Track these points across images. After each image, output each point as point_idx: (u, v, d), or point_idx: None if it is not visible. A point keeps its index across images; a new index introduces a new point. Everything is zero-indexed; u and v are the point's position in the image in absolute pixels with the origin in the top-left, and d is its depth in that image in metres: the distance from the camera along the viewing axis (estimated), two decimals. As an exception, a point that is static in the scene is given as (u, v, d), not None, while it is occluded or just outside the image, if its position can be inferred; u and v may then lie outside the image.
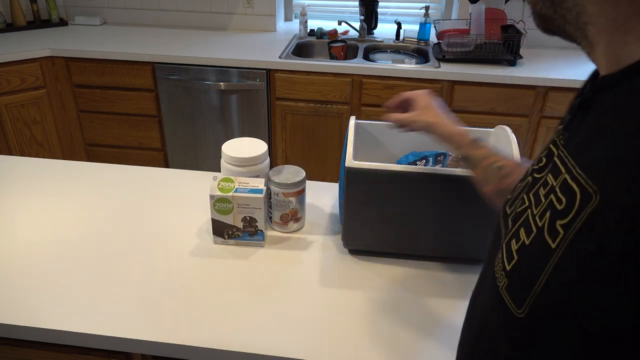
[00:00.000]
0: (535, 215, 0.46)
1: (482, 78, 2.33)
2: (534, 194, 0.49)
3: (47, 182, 1.35)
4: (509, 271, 0.48)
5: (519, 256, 0.47)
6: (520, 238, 0.48)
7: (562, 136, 0.50)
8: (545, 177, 0.48)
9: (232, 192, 1.07)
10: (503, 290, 0.48)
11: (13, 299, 0.96)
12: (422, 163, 1.11)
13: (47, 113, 2.63)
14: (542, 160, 0.52)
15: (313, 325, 0.93)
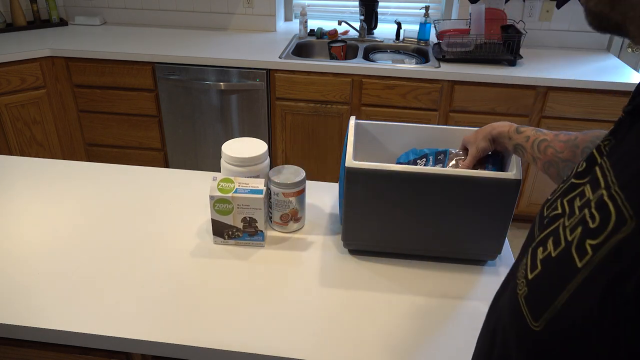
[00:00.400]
0: (566, 227, 0.44)
1: (482, 78, 2.33)
2: (569, 202, 0.47)
3: (47, 182, 1.35)
4: (530, 280, 0.46)
5: (543, 267, 0.45)
6: (547, 248, 0.46)
7: (607, 142, 0.48)
8: (583, 188, 0.46)
9: (232, 192, 1.07)
10: (522, 298, 0.46)
11: (13, 299, 0.96)
12: (422, 162, 1.11)
13: (47, 113, 2.63)
14: (583, 165, 0.49)
15: (313, 325, 0.93)
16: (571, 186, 0.49)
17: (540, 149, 0.91)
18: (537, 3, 2.68)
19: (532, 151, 0.93)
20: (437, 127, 1.22)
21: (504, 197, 1.00)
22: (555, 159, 0.87)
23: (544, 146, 0.90)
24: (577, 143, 0.85)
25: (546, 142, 0.90)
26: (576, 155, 0.83)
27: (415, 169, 1.00)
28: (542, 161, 0.90)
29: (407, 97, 2.42)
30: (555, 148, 0.88)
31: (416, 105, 2.43)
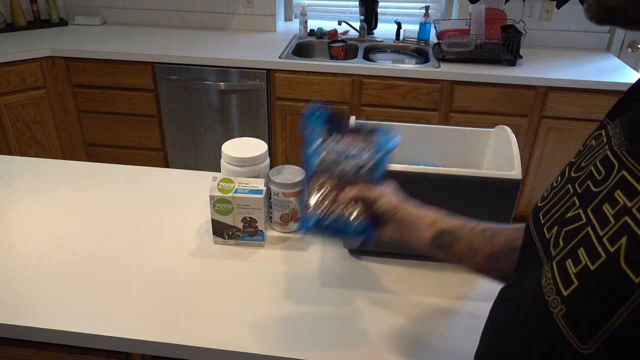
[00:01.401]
0: (602, 237, 0.41)
1: (482, 78, 2.33)
2: (594, 211, 0.44)
3: (47, 182, 1.35)
4: (567, 297, 0.42)
5: (581, 282, 0.42)
6: (580, 260, 0.43)
7: (624, 147, 0.46)
8: (611, 193, 0.43)
9: (232, 192, 1.07)
10: (559, 318, 0.43)
11: (13, 299, 0.96)
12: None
13: (47, 113, 2.63)
14: (601, 172, 0.47)
15: (313, 325, 0.93)
16: (589, 193, 0.47)
17: (486, 237, 0.73)
18: (537, 3, 2.69)
19: (469, 240, 0.73)
20: (437, 127, 1.22)
21: (504, 197, 1.00)
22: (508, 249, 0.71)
23: (490, 234, 0.73)
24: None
25: (492, 230, 0.73)
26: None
27: (415, 169, 0.99)
28: (487, 252, 0.72)
29: (407, 97, 2.42)
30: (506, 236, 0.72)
31: (416, 105, 2.43)
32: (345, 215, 0.78)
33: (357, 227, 0.78)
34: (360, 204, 0.79)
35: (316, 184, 0.81)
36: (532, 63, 2.48)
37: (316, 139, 0.84)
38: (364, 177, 0.82)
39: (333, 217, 0.78)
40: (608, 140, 0.51)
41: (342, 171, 0.82)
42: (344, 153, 0.84)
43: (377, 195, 0.79)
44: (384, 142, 0.86)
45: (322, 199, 0.80)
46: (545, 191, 0.58)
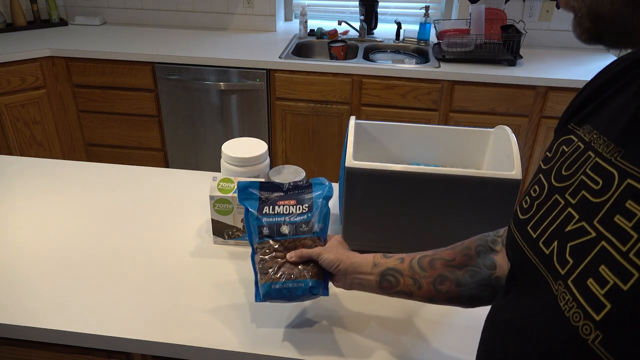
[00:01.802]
0: (627, 253, 0.39)
1: (482, 78, 2.33)
2: (604, 223, 0.42)
3: (47, 182, 1.35)
4: (600, 322, 0.39)
5: (615, 304, 0.39)
6: (605, 279, 0.40)
7: (617, 154, 0.44)
8: (620, 204, 0.42)
9: (232, 192, 1.07)
10: (596, 345, 0.39)
11: (13, 299, 0.96)
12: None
13: (47, 113, 2.63)
14: (598, 182, 0.45)
15: (312, 325, 0.93)
16: (593, 206, 0.44)
17: (424, 266, 0.75)
18: (537, 3, 2.69)
19: (411, 272, 0.75)
20: (437, 127, 1.22)
21: (504, 197, 1.00)
22: (448, 269, 0.73)
23: (427, 261, 0.75)
24: (467, 246, 0.75)
25: (429, 257, 0.76)
26: (472, 258, 0.72)
27: (415, 169, 1.00)
28: (430, 278, 0.74)
29: (407, 97, 2.42)
30: (443, 258, 0.75)
31: (416, 105, 2.43)
32: (292, 278, 0.82)
33: (305, 286, 0.81)
34: (305, 265, 0.82)
35: (260, 254, 0.85)
36: (532, 63, 2.48)
37: (254, 210, 0.89)
38: (305, 237, 0.86)
39: (281, 282, 0.81)
40: (589, 147, 0.49)
41: (283, 236, 0.86)
42: (282, 218, 0.87)
43: (318, 252, 0.81)
44: (319, 194, 0.91)
45: (269, 267, 0.83)
46: (523, 202, 0.56)
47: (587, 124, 0.53)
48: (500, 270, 0.70)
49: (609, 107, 0.51)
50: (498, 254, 0.72)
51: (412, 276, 0.75)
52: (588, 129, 0.51)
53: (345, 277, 0.80)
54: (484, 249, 0.73)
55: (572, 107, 0.59)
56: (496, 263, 0.71)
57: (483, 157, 1.23)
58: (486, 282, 0.71)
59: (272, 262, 0.84)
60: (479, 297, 0.72)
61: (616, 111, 0.49)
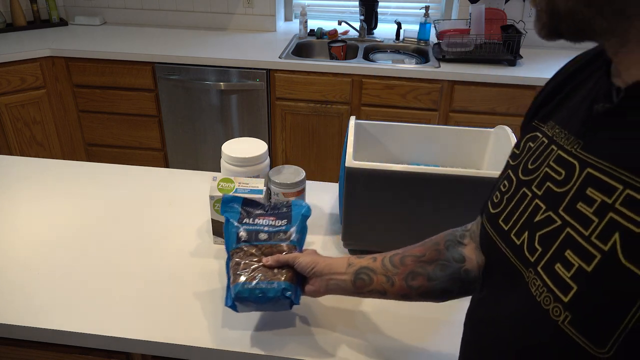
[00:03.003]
0: (589, 237, 0.41)
1: (482, 78, 2.33)
2: (568, 211, 0.45)
3: (47, 182, 1.35)
4: (568, 303, 0.41)
5: (581, 285, 0.41)
6: (571, 263, 0.42)
7: (577, 145, 0.47)
8: (581, 192, 0.44)
9: (232, 192, 1.07)
10: (566, 325, 0.41)
11: (13, 299, 0.96)
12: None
13: (47, 113, 2.63)
14: (561, 173, 0.47)
15: (313, 325, 0.93)
16: (557, 195, 0.47)
17: (395, 263, 0.76)
18: (537, 3, 2.68)
19: (384, 270, 0.77)
20: (437, 127, 1.22)
21: (504, 197, 1.00)
22: (418, 265, 0.75)
23: (398, 259, 0.77)
24: (436, 241, 0.77)
25: (399, 255, 0.77)
26: (441, 252, 0.74)
27: (415, 169, 1.00)
28: (402, 275, 0.75)
29: (407, 97, 2.42)
30: (413, 255, 0.76)
31: (416, 105, 2.43)
32: (264, 282, 0.82)
33: (278, 287, 0.81)
34: (280, 269, 0.83)
35: (235, 258, 0.86)
36: (532, 63, 2.48)
37: (234, 220, 0.91)
38: (282, 243, 0.88)
39: (255, 283, 0.82)
40: (551, 141, 0.51)
41: (260, 241, 0.88)
42: (261, 227, 0.90)
43: (294, 256, 0.83)
44: (298, 212, 0.92)
45: (243, 269, 0.84)
46: (494, 197, 0.59)
47: (550, 121, 0.55)
48: (469, 263, 0.73)
49: (569, 103, 0.54)
50: (466, 247, 0.74)
51: (384, 274, 0.77)
52: (551, 125, 0.54)
53: (321, 279, 0.81)
54: (452, 243, 0.75)
55: (535, 105, 0.61)
56: (465, 256, 0.73)
57: (483, 157, 1.23)
58: (456, 275, 0.73)
59: (246, 265, 0.84)
60: (450, 290, 0.74)
61: (575, 106, 0.52)
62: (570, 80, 0.57)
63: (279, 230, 0.90)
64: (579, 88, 0.54)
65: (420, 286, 0.74)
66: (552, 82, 0.60)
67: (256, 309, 0.85)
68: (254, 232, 0.89)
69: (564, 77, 0.58)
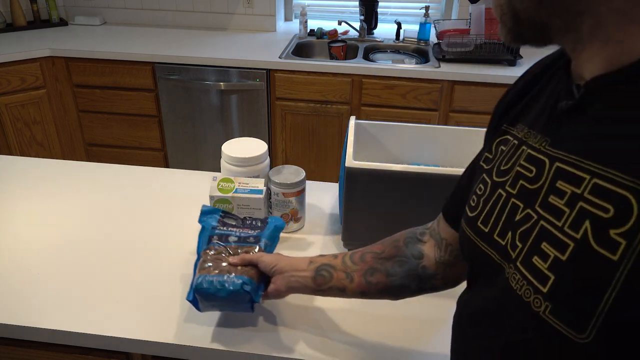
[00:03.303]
0: (562, 228, 0.43)
1: (482, 78, 2.33)
2: (542, 206, 0.46)
3: (47, 182, 1.35)
4: (547, 293, 0.43)
5: (558, 274, 0.42)
6: (547, 254, 0.44)
7: (545, 143, 0.49)
8: (552, 186, 0.46)
9: (232, 192, 1.07)
10: (547, 315, 0.42)
11: (13, 299, 0.96)
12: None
13: (47, 113, 2.63)
14: (532, 170, 0.49)
15: (312, 325, 0.93)
16: (531, 192, 0.48)
17: (355, 260, 0.79)
18: (537, 3, 2.68)
19: (344, 267, 0.79)
20: (437, 127, 1.22)
21: (504, 197, 1.00)
22: (378, 261, 0.77)
23: (358, 256, 0.79)
24: (396, 238, 0.79)
25: (359, 252, 0.80)
26: (400, 249, 0.77)
27: (415, 169, 1.00)
28: (361, 271, 0.77)
29: (407, 97, 2.42)
30: (373, 252, 0.79)
31: (416, 105, 2.43)
32: (224, 275, 0.85)
33: (238, 281, 0.83)
34: (244, 267, 0.86)
35: (203, 257, 0.90)
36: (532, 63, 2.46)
37: (208, 227, 0.96)
38: (250, 246, 0.92)
39: (216, 276, 0.85)
40: (522, 142, 0.53)
41: (227, 244, 0.92)
42: (231, 233, 0.95)
43: (258, 255, 0.87)
44: (272, 223, 0.97)
45: (208, 263, 0.88)
46: (471, 201, 0.60)
47: (519, 123, 0.57)
48: (427, 260, 0.75)
49: (536, 105, 0.56)
50: (425, 244, 0.76)
51: (344, 270, 0.79)
52: (521, 127, 0.56)
53: (283, 276, 0.83)
54: (412, 240, 0.77)
55: (500, 109, 0.63)
56: (423, 253, 0.75)
57: (483, 157, 1.22)
58: (414, 271, 0.75)
59: (212, 263, 0.88)
60: (408, 286, 0.76)
61: (542, 107, 0.54)
62: (535, 83, 0.59)
63: (249, 236, 0.94)
64: (543, 90, 0.56)
65: (379, 282, 0.76)
66: (515, 86, 0.62)
67: (218, 307, 0.86)
68: (224, 235, 0.94)
69: (528, 81, 0.60)
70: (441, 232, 0.75)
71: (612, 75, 0.42)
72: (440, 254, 0.74)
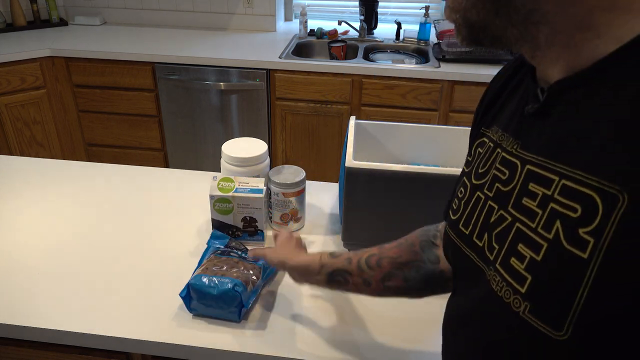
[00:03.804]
0: (536, 229, 0.44)
1: (482, 78, 2.33)
2: (515, 207, 0.47)
3: (47, 182, 1.35)
4: (526, 293, 0.44)
5: (534, 274, 0.43)
6: (523, 255, 0.45)
7: (516, 146, 0.50)
8: (524, 188, 0.47)
9: (232, 192, 1.07)
10: (526, 315, 0.43)
11: (13, 299, 0.96)
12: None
13: (47, 113, 2.63)
14: (505, 173, 0.50)
15: (312, 325, 0.93)
16: (505, 194, 0.49)
17: (372, 265, 0.77)
18: (537, 3, 2.68)
19: (360, 272, 0.78)
20: (437, 127, 1.22)
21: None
22: (395, 267, 0.76)
23: (375, 260, 0.77)
24: (411, 242, 0.78)
25: (376, 256, 0.78)
26: (417, 254, 0.76)
27: (415, 169, 1.00)
28: (378, 277, 0.76)
29: (407, 97, 2.42)
30: (389, 257, 0.77)
31: (416, 105, 2.43)
32: (218, 277, 0.90)
33: (232, 282, 0.89)
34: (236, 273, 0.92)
35: (203, 265, 0.96)
36: (532, 63, 2.48)
37: (213, 247, 1.04)
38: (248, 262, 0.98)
39: (212, 277, 0.90)
40: (496, 145, 0.54)
41: (229, 257, 0.98)
42: (234, 251, 1.01)
43: (267, 252, 0.89)
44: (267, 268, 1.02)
45: (209, 267, 0.94)
46: (453, 204, 0.61)
47: (494, 125, 0.58)
48: (443, 264, 0.75)
49: (508, 106, 0.57)
50: (440, 248, 0.76)
51: (361, 276, 0.78)
52: (495, 130, 0.57)
53: (294, 275, 0.86)
54: (427, 244, 0.77)
55: (480, 111, 0.64)
56: (439, 257, 0.75)
57: (483, 157, 1.22)
58: (431, 275, 0.75)
59: (212, 266, 0.94)
60: (425, 289, 0.76)
61: (512, 110, 0.55)
62: (506, 85, 0.60)
63: (246, 260, 1.00)
64: (516, 90, 0.57)
65: (396, 286, 0.76)
66: (490, 89, 0.63)
67: (208, 306, 0.90)
68: (227, 251, 1.01)
69: (500, 84, 0.61)
70: None
71: (572, 79, 0.44)
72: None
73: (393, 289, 0.76)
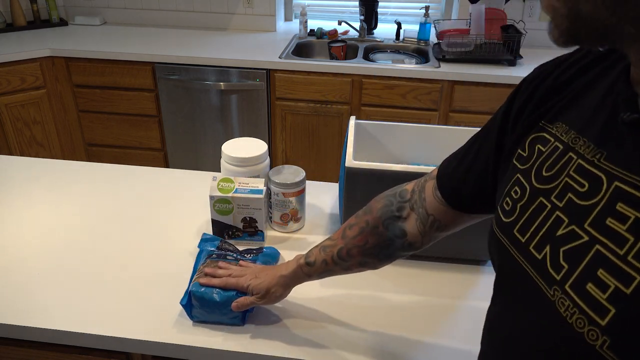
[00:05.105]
0: (625, 257, 0.39)
1: (482, 78, 2.33)
2: (595, 227, 0.42)
3: (47, 182, 1.35)
4: (607, 327, 0.39)
5: (619, 308, 0.38)
6: (605, 283, 0.40)
7: (599, 155, 0.44)
8: (610, 207, 0.41)
9: (232, 192, 1.07)
10: (604, 351, 0.39)
11: (13, 299, 0.96)
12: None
13: (47, 113, 2.63)
14: (584, 185, 0.45)
15: (313, 325, 0.93)
16: (582, 209, 0.44)
17: (343, 257, 0.80)
18: (537, 3, 2.68)
19: (338, 267, 0.82)
20: (437, 127, 1.22)
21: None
22: (365, 254, 0.78)
23: (345, 252, 0.79)
24: (373, 224, 0.77)
25: (344, 248, 0.79)
26: (382, 235, 0.76)
27: (415, 169, 1.00)
28: (354, 264, 0.80)
29: (407, 97, 2.42)
30: (357, 245, 0.78)
31: (416, 105, 2.43)
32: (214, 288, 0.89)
33: (228, 292, 0.88)
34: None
35: (199, 271, 0.94)
36: (532, 63, 2.48)
37: (206, 250, 1.01)
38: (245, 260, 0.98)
39: (203, 288, 0.89)
40: (568, 148, 0.49)
41: (225, 260, 0.96)
42: (227, 254, 0.99)
43: (247, 285, 0.87)
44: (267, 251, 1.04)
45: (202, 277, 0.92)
46: (504, 204, 0.55)
47: (559, 122, 0.52)
48: (411, 236, 0.74)
49: (581, 103, 0.51)
50: (406, 220, 0.75)
51: (340, 268, 0.82)
52: (564, 129, 0.51)
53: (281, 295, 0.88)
54: (391, 220, 0.76)
55: (531, 102, 0.57)
56: (406, 230, 0.74)
57: (483, 157, 1.22)
58: (399, 248, 0.76)
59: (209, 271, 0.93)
60: (398, 257, 0.80)
61: (591, 108, 0.48)
62: (579, 77, 0.53)
63: (244, 258, 0.99)
64: (592, 87, 0.51)
65: (372, 265, 0.80)
66: (552, 72, 0.56)
67: (210, 313, 0.89)
68: (222, 254, 0.98)
69: (573, 73, 0.54)
70: (428, 207, 0.71)
71: None
72: (425, 229, 0.72)
73: (368, 267, 0.81)
